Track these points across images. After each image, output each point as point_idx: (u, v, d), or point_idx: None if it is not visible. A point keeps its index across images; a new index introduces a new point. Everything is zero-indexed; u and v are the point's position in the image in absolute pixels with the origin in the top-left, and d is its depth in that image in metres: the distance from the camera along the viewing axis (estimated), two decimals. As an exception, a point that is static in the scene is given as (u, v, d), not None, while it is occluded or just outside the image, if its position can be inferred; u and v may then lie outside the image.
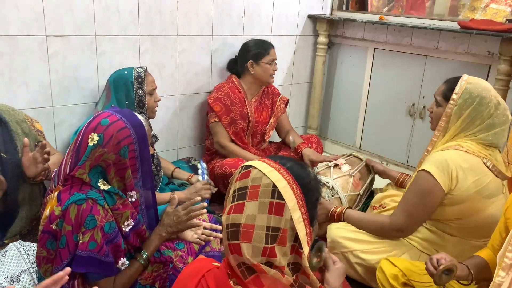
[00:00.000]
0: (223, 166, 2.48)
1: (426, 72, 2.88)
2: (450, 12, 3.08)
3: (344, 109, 3.46)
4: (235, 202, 0.95)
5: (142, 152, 1.40)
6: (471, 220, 1.69)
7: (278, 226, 0.91)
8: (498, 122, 1.66)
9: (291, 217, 0.91)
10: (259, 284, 0.92)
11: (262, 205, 0.92)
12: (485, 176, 1.66)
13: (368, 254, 1.84)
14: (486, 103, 1.65)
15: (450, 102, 1.70)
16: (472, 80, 1.70)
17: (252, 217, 0.92)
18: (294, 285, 0.93)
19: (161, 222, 1.56)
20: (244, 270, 0.93)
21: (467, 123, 1.67)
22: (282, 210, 0.91)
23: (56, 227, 1.32)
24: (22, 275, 1.40)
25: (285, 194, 0.92)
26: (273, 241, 0.91)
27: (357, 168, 2.40)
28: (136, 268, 1.46)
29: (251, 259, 0.91)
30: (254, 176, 0.95)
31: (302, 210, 0.93)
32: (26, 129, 1.81)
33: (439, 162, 1.64)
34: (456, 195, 1.65)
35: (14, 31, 2.05)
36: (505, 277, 1.16)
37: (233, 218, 0.94)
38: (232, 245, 0.93)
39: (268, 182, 0.93)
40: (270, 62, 2.65)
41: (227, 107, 2.60)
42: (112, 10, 2.31)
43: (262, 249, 0.91)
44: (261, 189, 0.93)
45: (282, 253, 0.92)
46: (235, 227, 0.93)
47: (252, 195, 0.93)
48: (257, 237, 0.91)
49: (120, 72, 2.17)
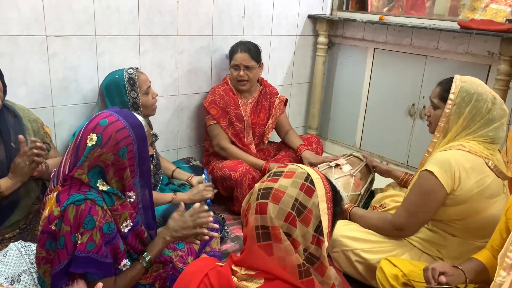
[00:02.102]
0: (222, 168, 2.47)
1: (426, 72, 2.88)
2: (450, 12, 3.08)
3: (344, 109, 3.46)
4: (270, 177, 1.04)
5: (141, 152, 1.40)
6: (473, 220, 1.70)
7: (305, 204, 0.97)
8: (497, 116, 1.68)
9: (318, 204, 0.97)
10: (269, 252, 0.95)
11: (295, 183, 1.00)
12: (487, 176, 1.66)
13: (369, 253, 1.84)
14: (484, 99, 1.67)
15: (448, 102, 1.71)
16: (465, 79, 1.72)
17: (284, 187, 0.99)
18: (301, 267, 0.95)
19: (167, 225, 1.56)
20: (260, 234, 0.96)
21: (468, 121, 1.69)
22: (311, 194, 0.98)
23: (55, 228, 1.32)
24: (22, 275, 1.40)
25: (317, 184, 1.00)
26: (298, 214, 0.96)
27: (357, 168, 2.41)
28: (138, 270, 1.46)
29: (274, 220, 0.95)
30: (291, 167, 1.06)
31: (329, 205, 0.99)
32: (35, 128, 1.89)
33: (441, 162, 1.65)
34: (459, 195, 1.65)
35: (14, 31, 2.05)
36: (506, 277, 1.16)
37: (266, 184, 1.02)
38: (260, 204, 0.99)
39: (304, 171, 1.03)
40: (234, 67, 2.61)
41: (223, 110, 2.60)
42: (112, 10, 2.31)
43: (287, 213, 0.96)
44: (297, 173, 1.02)
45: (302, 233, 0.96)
46: (267, 190, 1.00)
47: (287, 175, 1.02)
48: (285, 201, 0.97)
49: (111, 77, 2.16)
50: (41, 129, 1.92)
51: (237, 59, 2.59)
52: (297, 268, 0.93)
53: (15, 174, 1.68)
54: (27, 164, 1.67)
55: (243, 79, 2.60)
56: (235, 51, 2.61)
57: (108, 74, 2.20)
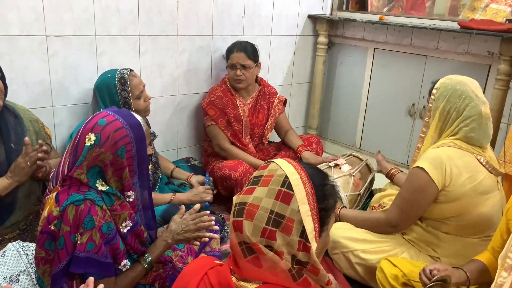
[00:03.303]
0: (222, 168, 2.47)
1: (426, 72, 2.88)
2: (450, 12, 3.08)
3: (344, 109, 3.45)
4: (248, 186, 1.01)
5: (139, 152, 1.40)
6: (467, 217, 1.71)
7: (283, 213, 0.94)
8: (470, 114, 1.68)
9: (298, 209, 0.94)
10: (258, 264, 0.94)
11: (271, 191, 0.96)
12: (479, 172, 1.68)
13: (368, 254, 1.85)
14: (459, 95, 1.69)
15: (431, 97, 1.77)
16: (453, 77, 1.75)
17: (259, 199, 0.96)
18: (292, 270, 0.94)
19: (168, 228, 1.56)
20: (245, 249, 0.95)
21: (444, 116, 1.72)
22: (289, 200, 0.94)
23: (55, 228, 1.32)
24: (21, 275, 1.40)
25: (296, 187, 0.96)
26: (275, 226, 0.93)
27: (357, 168, 2.41)
28: (139, 271, 1.46)
29: (251, 237, 0.94)
30: (271, 168, 1.01)
31: (312, 205, 0.96)
32: (37, 128, 1.89)
33: (432, 159, 1.67)
34: (451, 191, 1.66)
35: (14, 31, 2.05)
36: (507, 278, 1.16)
37: (242, 198, 0.99)
38: (235, 221, 0.97)
39: (282, 173, 0.98)
40: (231, 67, 2.61)
41: (221, 110, 2.60)
42: (112, 10, 2.31)
43: (262, 229, 0.93)
44: (274, 178, 0.98)
45: (285, 242, 0.93)
46: (241, 206, 0.98)
47: (264, 182, 0.98)
48: (259, 217, 0.94)
49: (103, 76, 2.14)
50: (42, 129, 1.92)
51: (234, 58, 2.59)
52: (288, 272, 0.93)
53: (13, 174, 1.67)
54: (28, 165, 1.66)
55: (240, 78, 2.60)
56: (231, 50, 2.61)
57: (102, 74, 2.19)
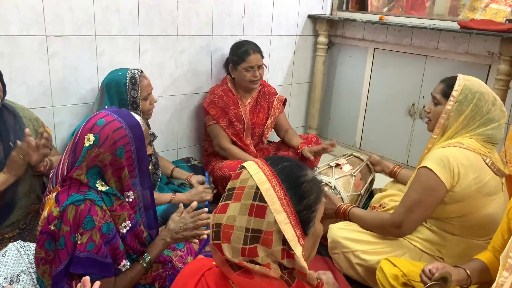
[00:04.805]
0: (222, 168, 2.47)
1: (426, 72, 2.88)
2: (450, 12, 3.08)
3: (344, 109, 3.45)
4: (223, 202, 0.97)
5: (139, 152, 1.40)
6: (471, 218, 1.71)
7: (260, 228, 0.91)
8: (497, 117, 1.71)
9: (275, 220, 0.90)
10: (249, 277, 0.92)
11: (244, 206, 0.92)
12: (485, 173, 1.68)
13: (369, 254, 1.84)
14: (485, 99, 1.70)
15: (450, 99, 1.73)
16: (469, 78, 1.75)
17: (233, 218, 0.92)
18: (284, 276, 0.92)
19: (167, 227, 1.56)
20: (232, 265, 0.94)
21: (468, 119, 1.71)
22: (264, 213, 0.91)
23: (55, 228, 1.32)
24: (21, 275, 1.40)
25: (267, 197, 0.92)
26: (254, 242, 0.91)
27: (358, 168, 2.41)
28: (138, 271, 1.46)
29: (233, 259, 0.92)
30: (242, 177, 0.96)
31: (289, 212, 0.92)
32: (36, 126, 1.89)
33: (440, 159, 1.66)
34: (457, 192, 1.66)
35: (14, 31, 2.05)
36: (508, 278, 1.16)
37: (217, 218, 0.95)
38: (215, 244, 0.94)
39: (253, 184, 0.93)
40: (248, 69, 2.58)
41: (222, 110, 2.60)
42: (112, 10, 2.31)
43: (241, 249, 0.91)
44: (245, 191, 0.93)
45: (268, 253, 0.91)
46: (217, 227, 0.94)
47: (236, 196, 0.94)
48: (235, 238, 0.91)
49: (114, 74, 2.15)
50: (42, 128, 1.92)
51: (252, 60, 2.56)
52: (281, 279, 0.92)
53: (10, 169, 1.67)
54: (21, 157, 1.66)
55: (257, 79, 2.61)
56: (247, 52, 2.57)
57: (112, 71, 2.18)
